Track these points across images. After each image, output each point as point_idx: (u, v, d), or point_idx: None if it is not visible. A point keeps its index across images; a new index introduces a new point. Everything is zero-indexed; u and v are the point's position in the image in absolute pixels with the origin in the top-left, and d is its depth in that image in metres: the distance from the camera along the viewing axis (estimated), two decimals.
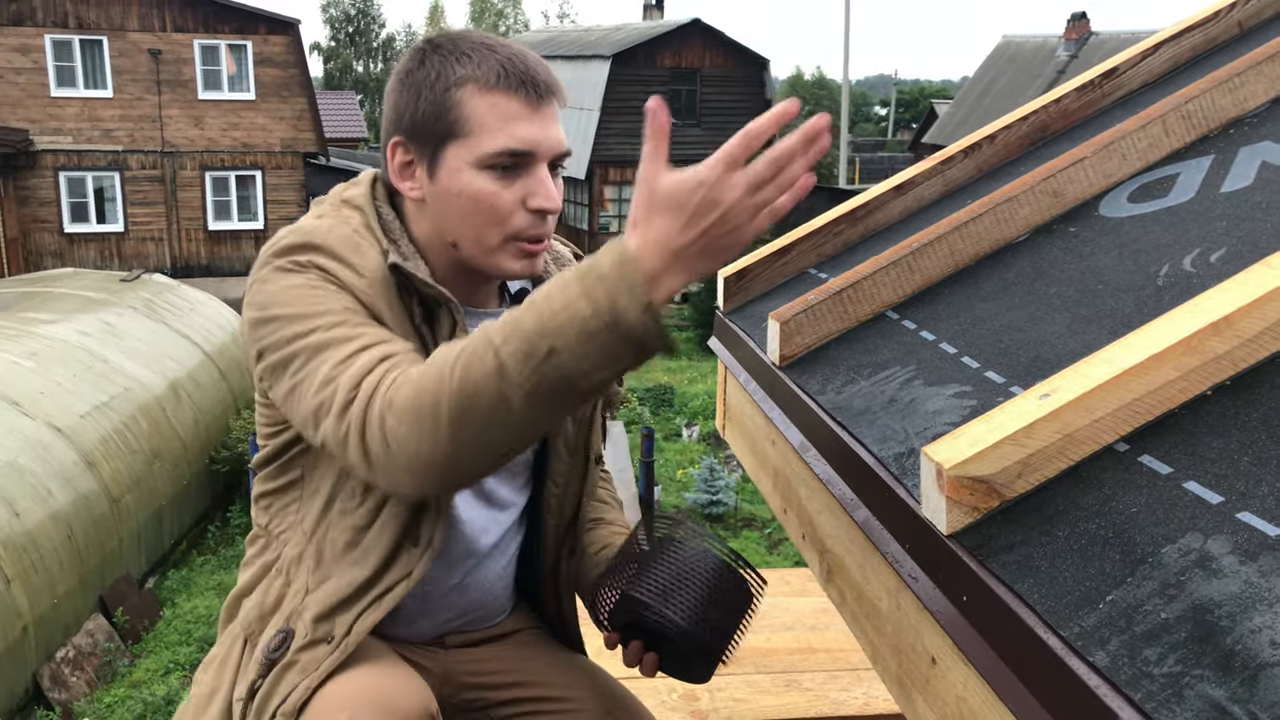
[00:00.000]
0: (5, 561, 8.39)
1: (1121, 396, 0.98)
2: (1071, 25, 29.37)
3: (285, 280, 1.21)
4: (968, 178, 1.91)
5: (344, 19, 50.75)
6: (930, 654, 1.06)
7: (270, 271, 1.23)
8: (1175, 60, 1.89)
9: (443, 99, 1.25)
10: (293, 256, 1.22)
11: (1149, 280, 1.26)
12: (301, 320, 1.18)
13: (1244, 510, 0.83)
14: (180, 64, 21.85)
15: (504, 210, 1.26)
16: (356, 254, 1.24)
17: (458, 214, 1.27)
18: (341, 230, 1.26)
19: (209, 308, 14.66)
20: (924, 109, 47.47)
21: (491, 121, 1.24)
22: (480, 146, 1.24)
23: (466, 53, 1.26)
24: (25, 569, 8.62)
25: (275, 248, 1.25)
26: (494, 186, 1.25)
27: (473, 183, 1.25)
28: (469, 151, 1.25)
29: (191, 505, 12.04)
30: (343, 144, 32.61)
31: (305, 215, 1.36)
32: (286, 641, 1.30)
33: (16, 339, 11.16)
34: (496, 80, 1.24)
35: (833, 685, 2.41)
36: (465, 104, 1.24)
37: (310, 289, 1.20)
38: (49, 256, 21.46)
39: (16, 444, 9.32)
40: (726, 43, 26.73)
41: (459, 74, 1.25)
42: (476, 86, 1.24)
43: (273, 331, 1.19)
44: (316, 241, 1.23)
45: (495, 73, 1.24)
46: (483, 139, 1.24)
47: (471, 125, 1.24)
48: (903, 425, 1.23)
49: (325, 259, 1.22)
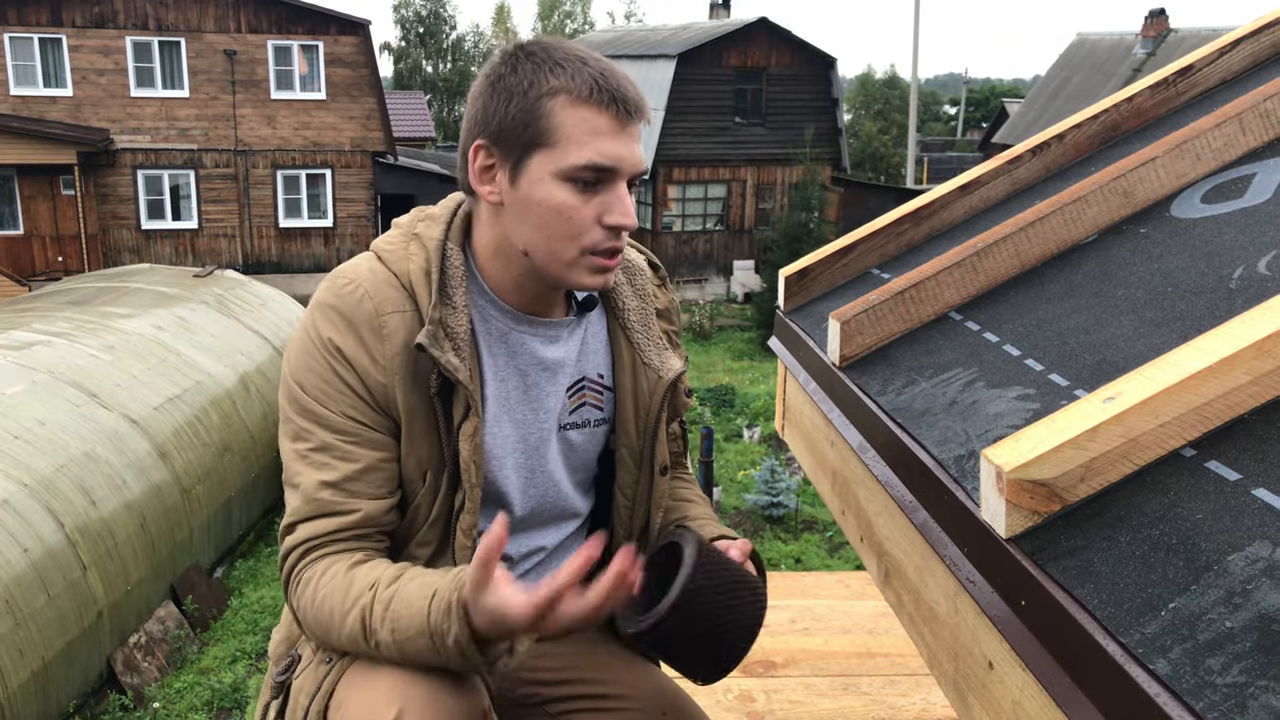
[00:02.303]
0: (82, 549, 8.65)
1: (1189, 400, 0.96)
2: (1149, 22, 28.69)
3: (309, 359, 1.32)
4: (1035, 177, 1.88)
5: (415, 19, 51.35)
6: (987, 659, 1.05)
7: (304, 333, 1.33)
8: (1255, 57, 1.83)
9: (534, 106, 1.25)
10: (326, 323, 1.31)
11: (1221, 283, 1.23)
12: (303, 418, 1.31)
13: None
14: (254, 64, 22.32)
15: (581, 224, 1.27)
16: (378, 337, 1.30)
17: (534, 223, 1.29)
18: (382, 295, 1.31)
19: (279, 304, 14.94)
20: (994, 108, 46.72)
21: (579, 134, 1.25)
22: (565, 158, 1.25)
23: (560, 63, 1.26)
24: (101, 556, 8.87)
25: (319, 298, 1.34)
26: (574, 199, 1.26)
27: (554, 194, 1.26)
28: (553, 162, 1.26)
29: (259, 497, 12.29)
30: (411, 143, 33.00)
31: (380, 238, 1.41)
32: (292, 665, 1.38)
33: (95, 332, 11.49)
34: (589, 94, 1.25)
35: (891, 690, 2.39)
36: (555, 114, 1.25)
37: (321, 381, 1.31)
38: (126, 252, 22.07)
39: (94, 434, 9.60)
40: (793, 41, 26.56)
41: (552, 84, 1.25)
42: (569, 98, 1.25)
43: (288, 403, 1.33)
44: (346, 313, 1.31)
45: (589, 86, 1.25)
46: (569, 150, 1.25)
47: (559, 136, 1.25)
48: (963, 427, 1.21)
49: (349, 340, 1.30)
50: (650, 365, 1.46)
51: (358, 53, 22.90)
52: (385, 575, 1.26)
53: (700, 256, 26.85)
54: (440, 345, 1.28)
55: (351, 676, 1.25)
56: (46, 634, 8.03)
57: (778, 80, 26.60)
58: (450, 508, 1.34)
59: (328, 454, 1.30)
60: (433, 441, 1.33)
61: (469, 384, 1.30)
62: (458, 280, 1.34)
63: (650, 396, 1.46)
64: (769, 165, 26.86)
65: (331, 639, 1.28)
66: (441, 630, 1.18)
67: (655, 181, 26.09)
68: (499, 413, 1.38)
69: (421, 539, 1.35)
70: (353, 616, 1.24)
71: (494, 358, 1.38)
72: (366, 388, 1.30)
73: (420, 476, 1.33)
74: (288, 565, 1.32)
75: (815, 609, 2.94)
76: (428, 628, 1.18)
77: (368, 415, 1.30)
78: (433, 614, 1.19)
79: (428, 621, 1.19)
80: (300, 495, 1.31)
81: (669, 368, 1.47)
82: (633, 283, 1.50)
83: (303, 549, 1.30)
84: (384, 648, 1.22)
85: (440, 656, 1.19)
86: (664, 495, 1.49)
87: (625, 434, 1.46)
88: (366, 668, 1.24)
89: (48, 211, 21.15)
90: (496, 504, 1.40)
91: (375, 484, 1.31)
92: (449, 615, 1.17)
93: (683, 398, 1.53)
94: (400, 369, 1.30)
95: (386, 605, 1.23)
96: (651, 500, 1.49)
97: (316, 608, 1.27)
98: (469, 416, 1.31)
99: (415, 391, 1.31)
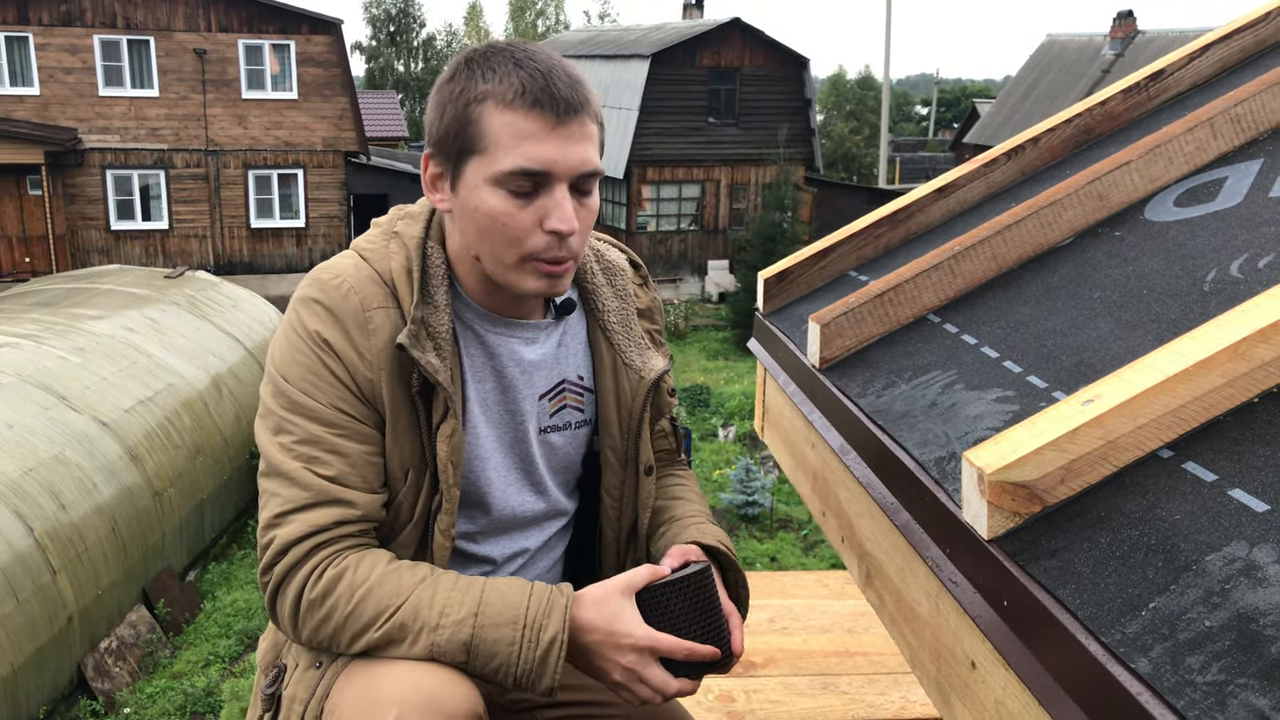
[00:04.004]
0: (52, 553, 8.56)
1: (1166, 403, 0.98)
2: (1118, 24, 29.02)
3: (295, 352, 1.30)
4: (1010, 181, 1.90)
5: (385, 18, 51.10)
6: (970, 658, 1.06)
7: (289, 327, 1.32)
8: (1224, 63, 1.86)
9: (463, 113, 1.25)
10: (312, 316, 1.30)
11: (1195, 286, 1.25)
12: (290, 411, 1.29)
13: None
14: (225, 64, 22.15)
15: (519, 230, 1.26)
16: (364, 332, 1.29)
17: (476, 230, 1.29)
18: (367, 290, 1.31)
19: (251, 304, 14.84)
20: (965, 109, 47.06)
21: (506, 139, 1.24)
22: (495, 164, 1.25)
23: (494, 68, 1.25)
24: (71, 560, 8.79)
25: (303, 293, 1.32)
26: (509, 206, 1.26)
27: (488, 200, 1.26)
28: (485, 168, 1.25)
29: (232, 500, 12.20)
30: (384, 143, 32.87)
31: (360, 238, 1.40)
32: (280, 676, 1.35)
33: (64, 334, 11.37)
34: (514, 97, 1.23)
35: (869, 689, 2.40)
36: (483, 120, 1.24)
37: (310, 374, 1.29)
38: (95, 253, 21.83)
39: (63, 437, 9.50)
40: (766, 42, 26.65)
41: (480, 89, 1.25)
42: (495, 103, 1.24)
43: (271, 397, 1.31)
44: (332, 307, 1.30)
45: (514, 90, 1.24)
46: (497, 157, 1.24)
47: (488, 142, 1.24)
48: (944, 429, 1.23)
49: (336, 333, 1.29)
50: (632, 366, 1.47)
51: (330, 52, 22.77)
52: (438, 569, 1.27)
53: (675, 256, 26.89)
54: (421, 345, 1.28)
55: (346, 680, 1.24)
56: (15, 639, 7.94)
57: (751, 80, 26.68)
58: (430, 508, 1.34)
59: (316, 446, 1.27)
60: (415, 440, 1.32)
61: (449, 386, 1.29)
62: (439, 279, 1.34)
63: (633, 398, 1.46)
64: (743, 165, 26.94)
65: (347, 635, 1.23)
66: (538, 622, 1.21)
67: (630, 181, 26.10)
68: (478, 414, 1.38)
69: (403, 540, 1.34)
70: (407, 605, 1.22)
71: (471, 358, 1.38)
72: (354, 381, 1.29)
73: (403, 475, 1.32)
74: (287, 559, 1.25)
75: (794, 608, 2.96)
76: (523, 617, 1.21)
77: (355, 408, 1.29)
78: (532, 605, 1.22)
79: (525, 612, 1.21)
80: (292, 486, 1.26)
81: (651, 368, 1.47)
82: (613, 283, 1.50)
83: (310, 543, 1.25)
84: (433, 636, 1.20)
85: (510, 652, 1.20)
86: (650, 495, 1.49)
87: (609, 435, 1.47)
88: (361, 670, 1.23)
89: (14, 212, 20.90)
90: (476, 505, 1.41)
91: (366, 478, 1.29)
92: (548, 610, 1.21)
93: (666, 397, 1.53)
94: (386, 365, 1.29)
95: (465, 591, 1.23)
96: (639, 500, 1.49)
97: (348, 601, 1.23)
98: (447, 418, 1.31)
99: (399, 388, 1.30)
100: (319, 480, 1.26)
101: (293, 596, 1.25)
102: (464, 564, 1.43)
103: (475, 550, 1.43)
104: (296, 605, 1.25)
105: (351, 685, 1.22)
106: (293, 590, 1.25)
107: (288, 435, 1.28)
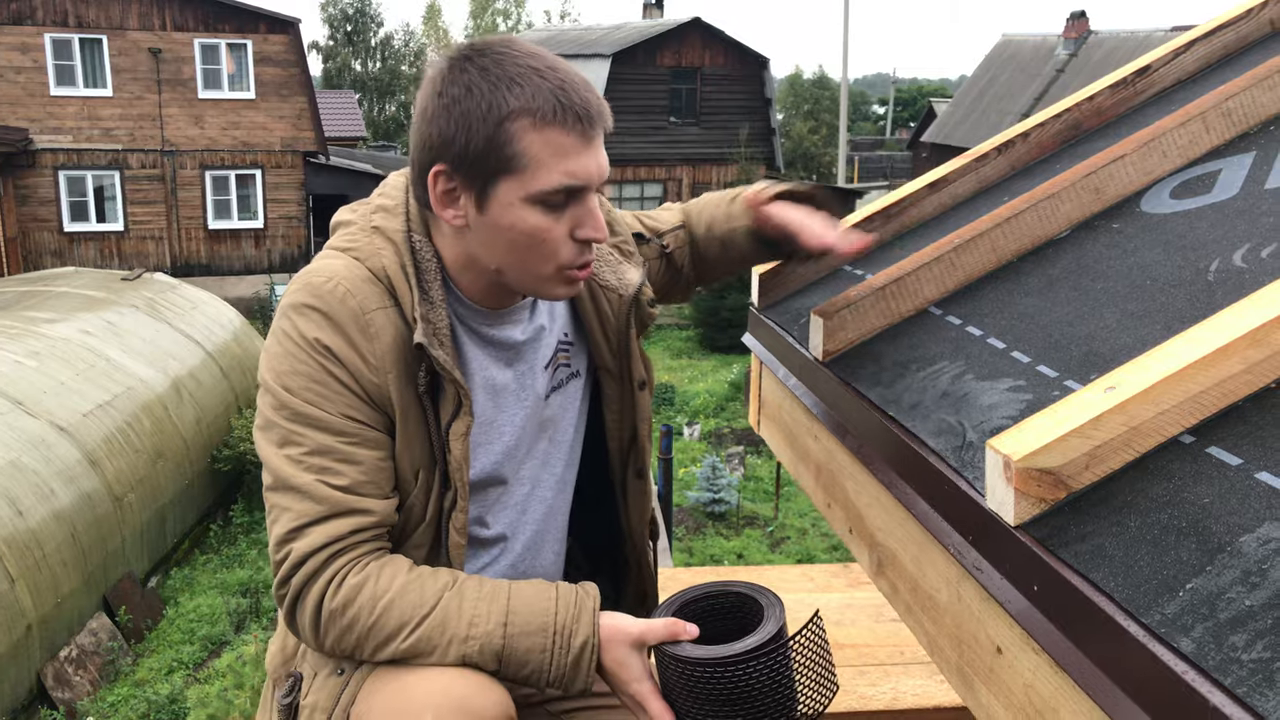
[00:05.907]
0: (9, 561, 8.39)
1: (1187, 389, 1.00)
2: (1071, 24, 29.42)
3: (295, 361, 1.26)
4: (1001, 175, 1.92)
5: (342, 18, 50.61)
6: (995, 643, 1.07)
7: (284, 335, 1.27)
8: (1207, 59, 1.90)
9: (495, 134, 1.20)
10: (309, 323, 1.25)
11: (1199, 276, 1.27)
12: (295, 423, 1.25)
13: None
14: (180, 63, 21.83)
15: (555, 243, 1.26)
16: (366, 336, 1.26)
17: (507, 246, 1.26)
18: (363, 292, 1.27)
19: (210, 307, 14.64)
20: (922, 108, 47.47)
21: (547, 158, 1.21)
22: (535, 183, 1.22)
23: (516, 79, 1.21)
24: (29, 568, 8.62)
25: (294, 299, 1.28)
26: (546, 221, 1.24)
27: (526, 219, 1.24)
28: (522, 187, 1.22)
29: (194, 504, 12.03)
30: (342, 143, 32.55)
31: (336, 238, 1.36)
32: (296, 686, 1.34)
33: (19, 338, 11.15)
34: (552, 115, 1.20)
35: (860, 680, 2.42)
36: (520, 139, 1.20)
37: (313, 383, 1.25)
38: (48, 255, 21.44)
39: (19, 443, 9.32)
40: (726, 41, 26.74)
41: (511, 106, 1.20)
42: (532, 121, 1.20)
43: (273, 410, 1.26)
44: (329, 312, 1.25)
45: (551, 107, 1.20)
46: (538, 176, 1.21)
47: (525, 161, 1.21)
48: (958, 419, 1.24)
49: (337, 339, 1.25)
50: (608, 286, 1.47)
51: (288, 51, 22.52)
52: (459, 574, 1.27)
53: None
54: (437, 343, 1.27)
55: (373, 686, 1.23)
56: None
57: (712, 80, 26.76)
58: (442, 507, 1.33)
59: (328, 457, 1.24)
60: (424, 440, 1.31)
61: (462, 381, 1.29)
62: (432, 274, 1.31)
63: (616, 317, 1.48)
64: (704, 165, 27.01)
65: (371, 645, 1.22)
66: (568, 628, 1.23)
67: None
68: (485, 404, 1.38)
69: (416, 540, 1.33)
70: (434, 616, 1.21)
71: (472, 351, 1.37)
72: (361, 386, 1.26)
73: (414, 476, 1.31)
74: (305, 570, 1.24)
75: None
76: (553, 623, 1.23)
77: (365, 413, 1.26)
78: (560, 610, 1.24)
79: (554, 618, 1.23)
80: (305, 500, 1.24)
81: (627, 283, 1.48)
82: None
83: (327, 552, 1.23)
84: (463, 648, 1.21)
85: (542, 659, 1.22)
86: (647, 408, 1.53)
87: (600, 357, 1.49)
88: (388, 676, 1.22)
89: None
90: (493, 487, 1.41)
91: (379, 484, 1.27)
92: (577, 614, 1.24)
93: (647, 309, 1.52)
94: (392, 367, 1.27)
95: (492, 600, 1.23)
96: (636, 414, 1.52)
97: (370, 612, 1.21)
98: (460, 415, 1.29)
99: (407, 389, 1.28)
100: (333, 492, 1.24)
101: (312, 606, 1.24)
102: (477, 549, 1.42)
103: (487, 534, 1.43)
104: (317, 615, 1.24)
105: (379, 692, 1.21)
106: (312, 600, 1.24)
107: (296, 447, 1.25)
